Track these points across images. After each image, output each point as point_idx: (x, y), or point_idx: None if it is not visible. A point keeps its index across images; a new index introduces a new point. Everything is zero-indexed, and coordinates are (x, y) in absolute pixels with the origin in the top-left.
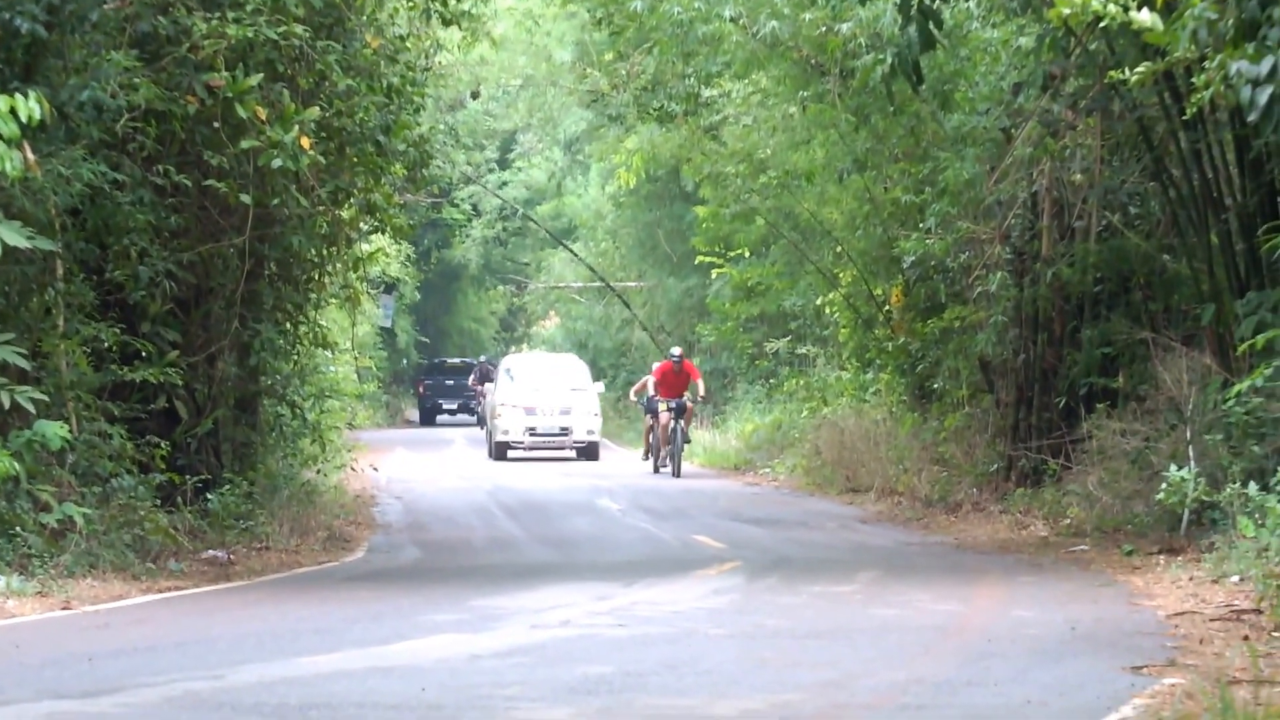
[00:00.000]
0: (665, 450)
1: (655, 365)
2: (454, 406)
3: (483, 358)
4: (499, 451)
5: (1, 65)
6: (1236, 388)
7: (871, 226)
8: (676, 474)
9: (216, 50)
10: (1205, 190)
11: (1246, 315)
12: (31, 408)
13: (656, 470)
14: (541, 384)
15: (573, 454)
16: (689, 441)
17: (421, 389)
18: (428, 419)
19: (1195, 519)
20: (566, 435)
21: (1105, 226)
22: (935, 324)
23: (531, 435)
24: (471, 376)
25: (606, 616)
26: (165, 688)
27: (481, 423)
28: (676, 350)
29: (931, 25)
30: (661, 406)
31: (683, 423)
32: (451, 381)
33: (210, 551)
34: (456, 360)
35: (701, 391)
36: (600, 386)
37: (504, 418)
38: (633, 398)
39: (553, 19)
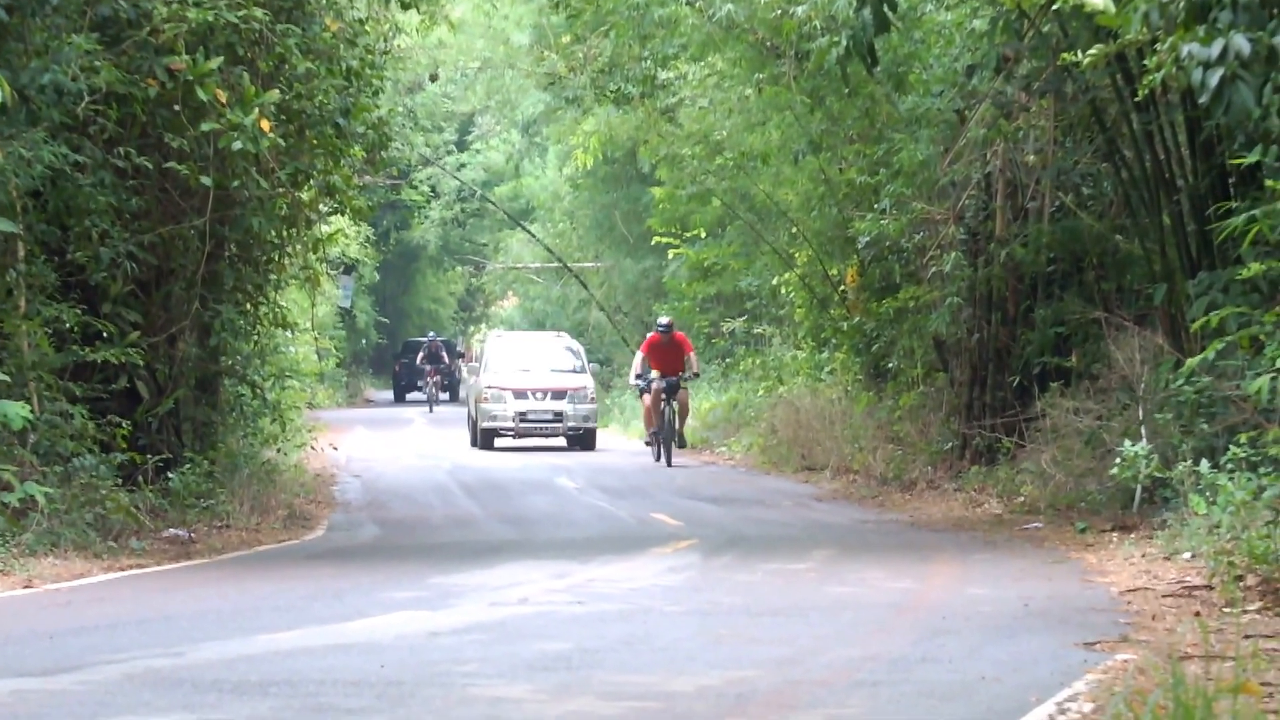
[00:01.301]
0: (650, 431)
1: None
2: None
3: (430, 334)
4: (485, 439)
5: None
6: (1187, 367)
7: (827, 207)
8: (668, 462)
9: (177, 34)
10: (1157, 171)
11: (1198, 295)
12: None
13: (659, 459)
14: (532, 365)
15: (565, 442)
16: (682, 445)
17: (398, 367)
18: (401, 396)
19: (1147, 497)
20: (559, 421)
21: (1058, 207)
22: (890, 304)
23: (521, 421)
24: (419, 355)
25: (564, 594)
26: (126, 665)
27: (433, 405)
28: (664, 319)
29: (886, 8)
30: (654, 382)
31: (675, 403)
32: (429, 364)
33: (171, 530)
34: (426, 339)
35: (695, 367)
36: (596, 368)
37: (490, 402)
38: (632, 381)
39: (510, 2)
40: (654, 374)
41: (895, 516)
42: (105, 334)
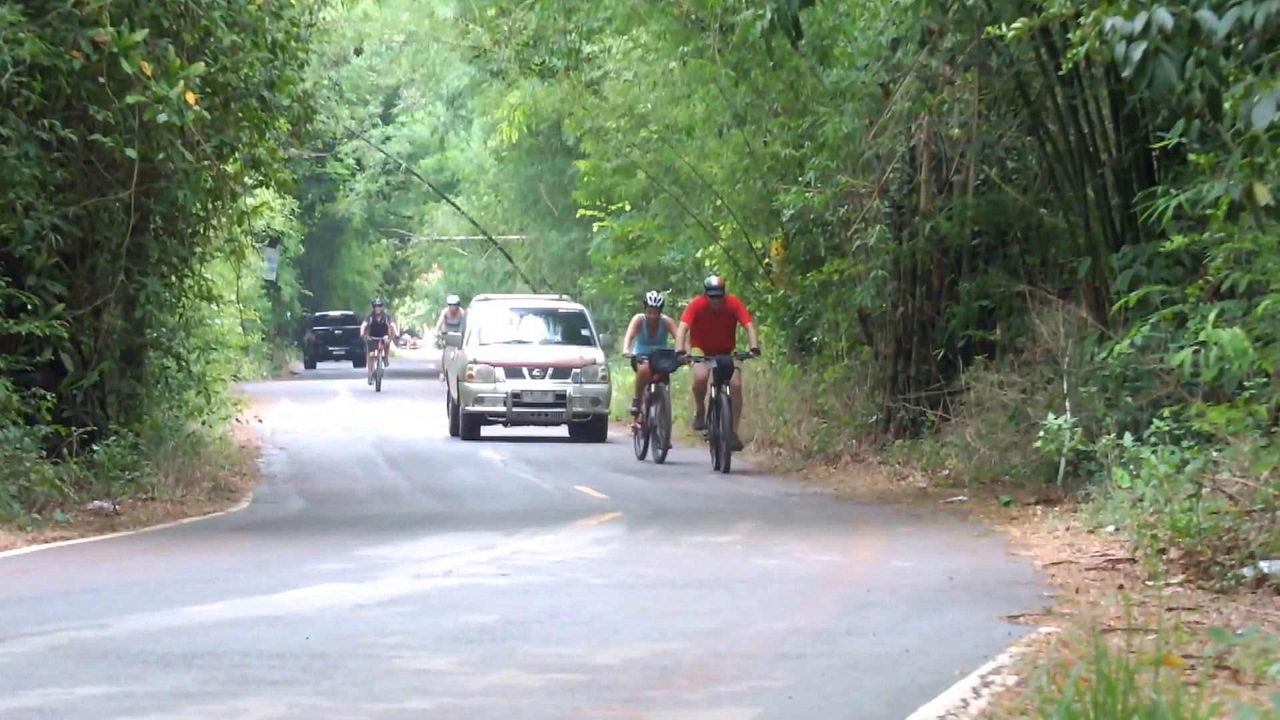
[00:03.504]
0: (665, 430)
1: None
2: (340, 352)
3: (376, 302)
4: (469, 426)
5: None
6: (1114, 346)
7: (751, 180)
8: (725, 467)
9: (102, 6)
10: (1081, 145)
11: (1122, 269)
12: None
13: (643, 456)
14: (528, 335)
15: (567, 431)
16: (738, 447)
17: (312, 337)
18: (312, 363)
19: (1071, 470)
20: (562, 406)
21: (983, 181)
22: (815, 277)
23: (515, 405)
24: (363, 325)
25: (488, 566)
26: (50, 637)
27: (379, 381)
28: (714, 279)
29: None
30: (696, 356)
31: (728, 390)
32: (339, 331)
33: (96, 502)
34: (337, 314)
35: (754, 341)
36: (607, 340)
37: (477, 380)
38: (626, 349)
39: None
40: (696, 352)
41: (820, 490)
42: (30, 306)
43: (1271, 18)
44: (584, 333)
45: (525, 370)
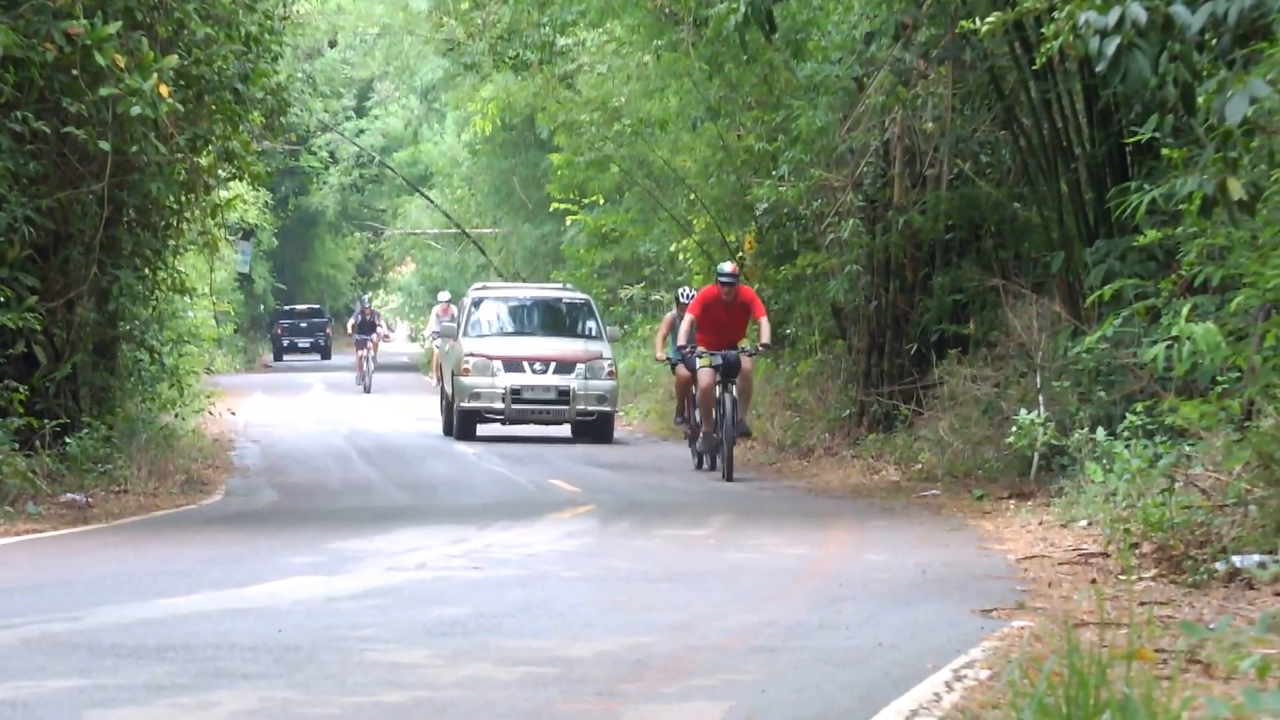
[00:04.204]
0: (703, 435)
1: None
2: (306, 344)
3: (364, 298)
4: (464, 425)
5: None
6: (1087, 340)
7: (725, 174)
8: (727, 475)
9: None
10: (1055, 139)
11: (1095, 263)
12: None
13: (700, 466)
14: (529, 326)
15: (570, 431)
16: (747, 434)
17: (279, 330)
18: (279, 355)
19: (1044, 464)
20: (565, 403)
21: (956, 174)
22: (788, 270)
23: (515, 401)
24: (350, 322)
25: (461, 559)
26: (22, 629)
27: (368, 382)
28: (727, 265)
29: None
30: (702, 360)
31: (734, 389)
32: (304, 324)
33: (68, 495)
34: (304, 307)
35: (765, 336)
36: (616, 332)
37: (473, 375)
38: (659, 354)
39: None
40: (701, 350)
41: (793, 483)
42: (2, 299)
43: (1245, 12)
44: (590, 325)
45: (525, 364)
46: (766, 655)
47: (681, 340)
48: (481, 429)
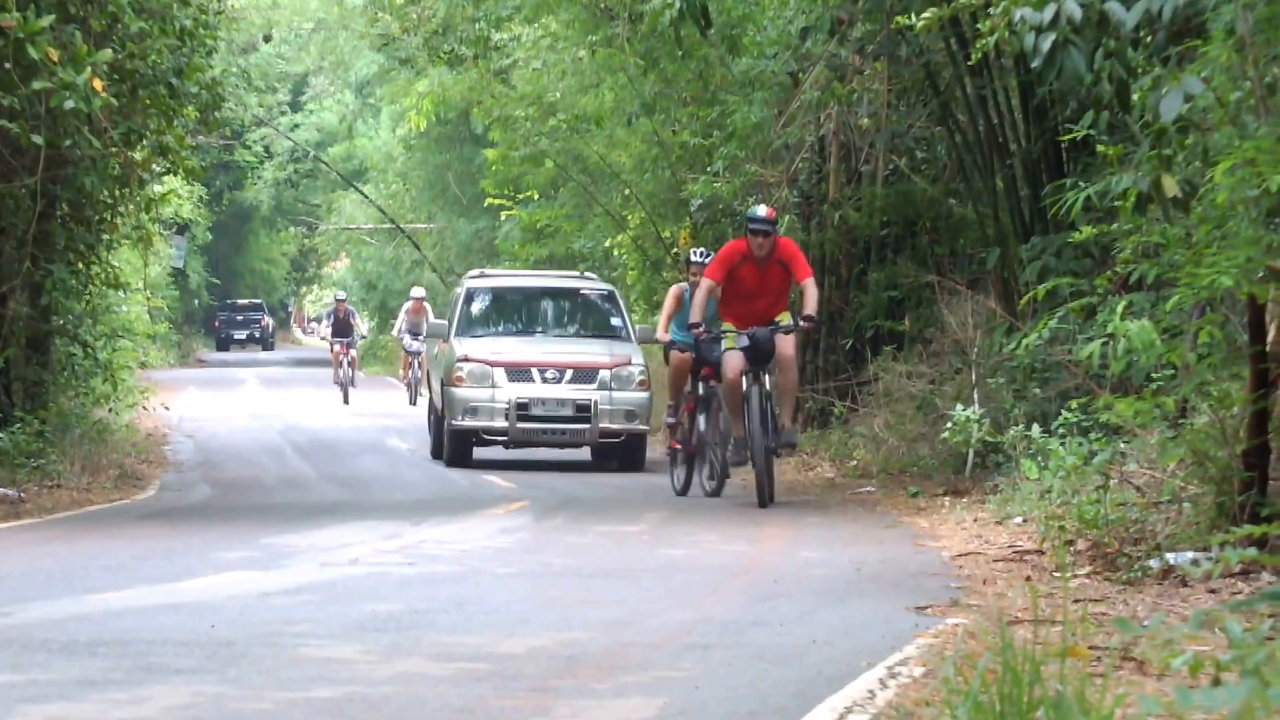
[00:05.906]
0: (733, 442)
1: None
2: (243, 336)
3: (340, 296)
4: (456, 447)
5: None
6: (1023, 338)
7: (660, 169)
8: (770, 496)
9: None
10: (990, 135)
11: (1030, 259)
12: None
13: (685, 490)
14: (539, 325)
15: (591, 455)
16: (793, 445)
17: (217, 323)
18: (222, 346)
19: (979, 461)
20: (586, 421)
21: (892, 171)
22: None
23: (521, 419)
24: (324, 323)
25: (395, 555)
26: None
27: (348, 391)
28: (761, 210)
29: None
30: (726, 341)
31: (768, 378)
32: (240, 317)
33: (1, 490)
34: (245, 302)
35: (811, 305)
36: (649, 332)
37: (468, 385)
38: (661, 334)
39: None
40: (726, 327)
41: (728, 480)
42: None
43: (1179, 10)
44: (614, 322)
45: (535, 372)
46: (700, 652)
47: (695, 316)
48: (479, 452)
